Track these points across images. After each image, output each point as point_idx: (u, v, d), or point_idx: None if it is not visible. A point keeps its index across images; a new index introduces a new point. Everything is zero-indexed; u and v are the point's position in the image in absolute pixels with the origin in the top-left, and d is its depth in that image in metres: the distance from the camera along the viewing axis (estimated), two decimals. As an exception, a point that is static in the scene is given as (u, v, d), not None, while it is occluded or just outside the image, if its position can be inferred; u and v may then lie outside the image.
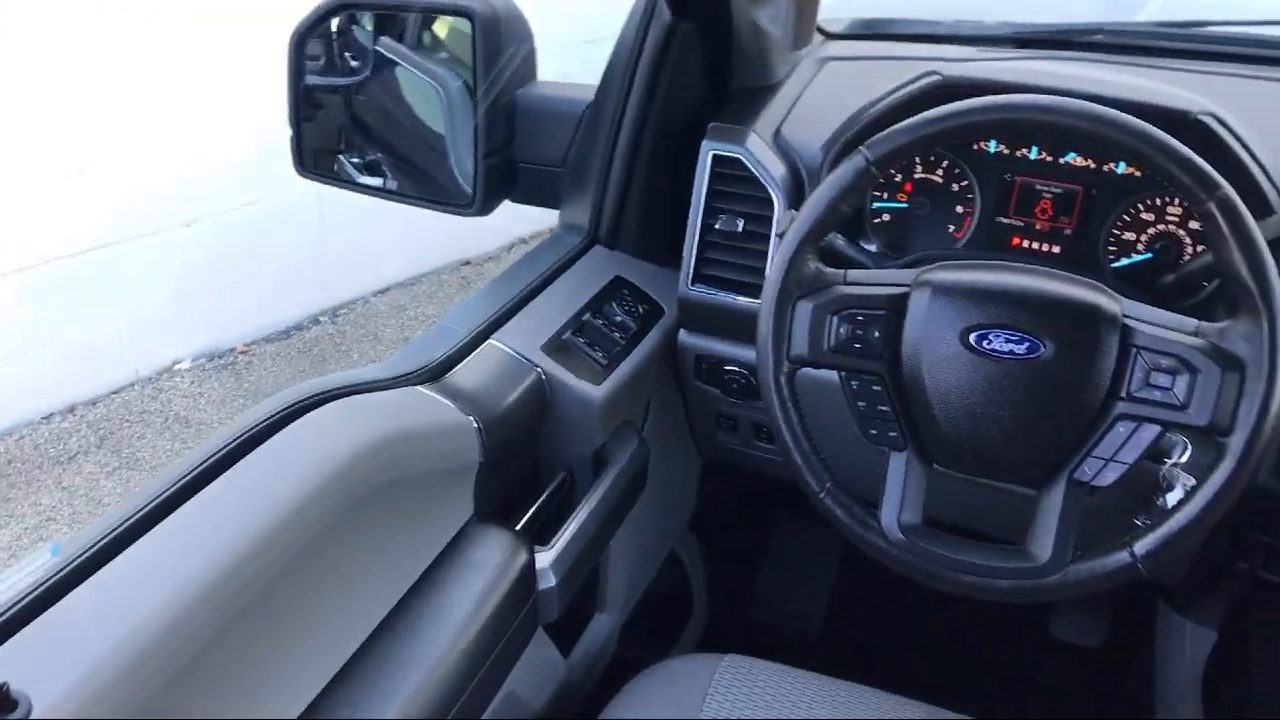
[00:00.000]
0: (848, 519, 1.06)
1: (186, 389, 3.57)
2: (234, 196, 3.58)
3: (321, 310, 4.06)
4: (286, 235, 3.78)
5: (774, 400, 1.07)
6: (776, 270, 1.06)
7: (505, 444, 1.12)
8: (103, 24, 3.10)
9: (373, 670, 0.91)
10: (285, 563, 0.81)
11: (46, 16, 3.00)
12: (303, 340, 3.90)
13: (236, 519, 0.80)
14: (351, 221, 3.85)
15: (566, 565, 1.13)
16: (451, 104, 1.44)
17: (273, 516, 0.81)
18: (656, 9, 1.27)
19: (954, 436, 1.02)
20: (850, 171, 1.04)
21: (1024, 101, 0.98)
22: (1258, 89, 1.36)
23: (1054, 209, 1.29)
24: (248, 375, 3.67)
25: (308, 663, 0.86)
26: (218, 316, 3.74)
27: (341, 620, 0.90)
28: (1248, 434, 0.93)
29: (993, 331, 1.00)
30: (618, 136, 1.34)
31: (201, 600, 0.74)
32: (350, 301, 4.13)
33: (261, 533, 0.80)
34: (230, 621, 0.76)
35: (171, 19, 3.20)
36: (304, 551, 0.83)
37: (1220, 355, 0.94)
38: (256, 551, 0.79)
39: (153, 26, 3.18)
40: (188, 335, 3.70)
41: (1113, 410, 0.98)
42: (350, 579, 0.90)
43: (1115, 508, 1.10)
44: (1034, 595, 1.00)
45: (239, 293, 3.76)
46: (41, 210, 3.14)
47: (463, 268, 4.42)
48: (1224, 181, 0.94)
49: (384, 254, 4.15)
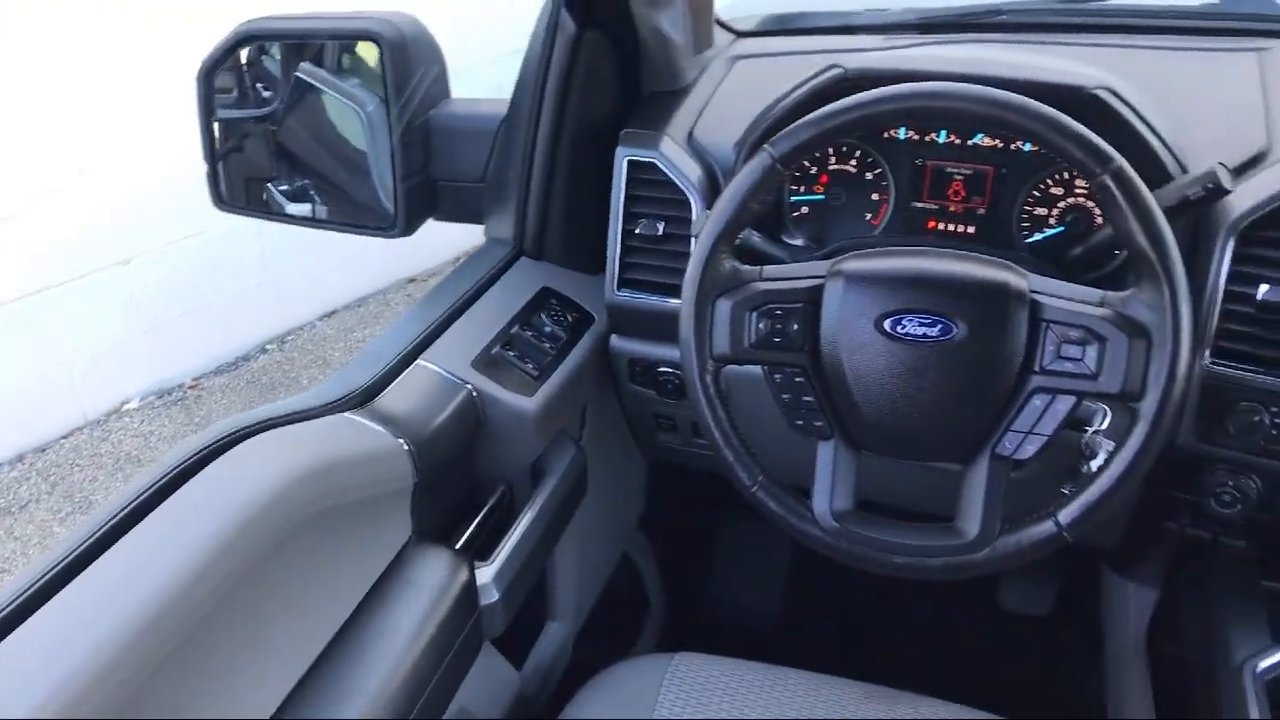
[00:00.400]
0: (781, 510, 1.08)
1: (137, 428, 3.54)
2: (170, 230, 3.55)
3: (269, 338, 4.03)
4: (228, 266, 3.75)
5: (701, 399, 1.08)
6: (693, 271, 1.07)
7: (439, 463, 1.12)
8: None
9: (317, 698, 0.91)
10: (216, 601, 0.81)
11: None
12: (251, 370, 3.87)
13: (162, 562, 0.80)
14: (294, 248, 3.83)
15: (509, 578, 1.14)
16: (372, 127, 1.44)
17: (200, 556, 0.81)
18: (560, 21, 1.28)
19: (877, 421, 1.04)
20: (756, 170, 1.05)
21: (915, 90, 1.00)
22: (1157, 59, 1.40)
23: (966, 190, 1.32)
24: (198, 409, 3.64)
25: (250, 695, 0.87)
26: (164, 352, 3.71)
27: (282, 652, 0.91)
28: (1158, 397, 0.95)
29: (906, 316, 1.02)
30: (534, 148, 1.35)
31: (133, 644, 0.74)
32: (297, 327, 4.10)
33: (189, 573, 0.80)
34: (165, 661, 0.76)
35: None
36: (236, 588, 0.83)
37: (1126, 323, 0.96)
38: (185, 592, 0.79)
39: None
40: (135, 374, 3.66)
41: (1028, 384, 1.00)
42: (287, 610, 0.90)
43: (1045, 478, 1.13)
44: (965, 571, 1.02)
45: (184, 327, 3.72)
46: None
47: (408, 285, 4.41)
48: (1116, 154, 0.96)
49: (328, 277, 4.13)
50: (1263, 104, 1.23)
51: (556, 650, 1.44)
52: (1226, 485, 1.16)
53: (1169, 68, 1.36)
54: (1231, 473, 1.16)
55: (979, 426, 1.02)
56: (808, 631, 1.96)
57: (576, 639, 1.51)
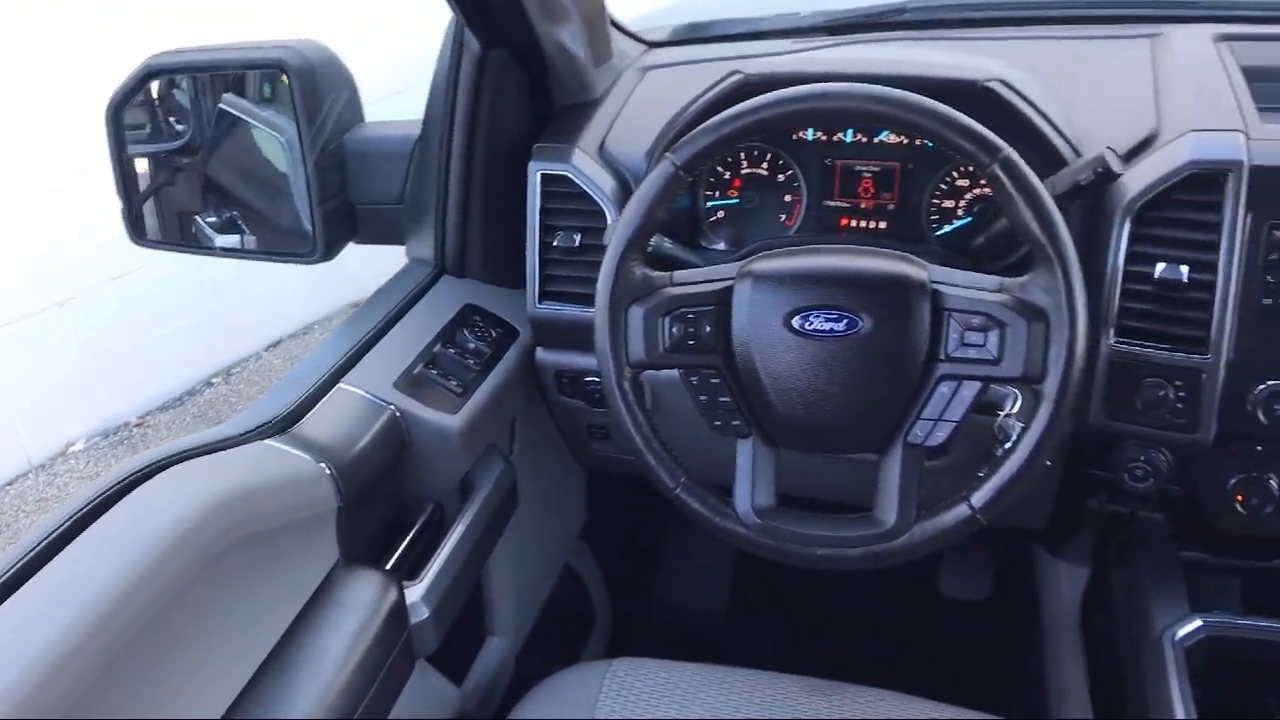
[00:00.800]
0: (704, 510, 1.09)
1: (83, 470, 3.50)
2: (106, 269, 3.52)
3: (214, 371, 4.00)
4: (168, 300, 3.72)
5: (620, 406, 1.10)
6: (604, 280, 1.08)
7: (364, 486, 1.13)
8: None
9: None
10: (134, 634, 0.81)
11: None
12: (197, 404, 3.84)
13: (76, 598, 0.80)
14: (236, 279, 3.80)
15: (439, 596, 1.15)
16: (291, 154, 1.45)
17: (114, 590, 0.81)
18: (465, 40, 1.29)
19: (791, 417, 1.06)
20: (659, 178, 1.07)
21: (807, 92, 1.02)
22: (1054, 49, 1.43)
23: (876, 187, 1.34)
24: (144, 447, 3.60)
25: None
26: (108, 391, 3.67)
27: (206, 682, 0.91)
28: (1059, 377, 0.98)
29: (812, 312, 1.04)
30: (448, 167, 1.36)
31: (49, 678, 0.74)
32: (243, 359, 4.07)
33: (104, 608, 0.79)
34: (83, 696, 0.76)
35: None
36: (154, 620, 0.83)
37: (1024, 308, 0.99)
38: (101, 626, 0.79)
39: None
40: (79, 415, 3.62)
41: (934, 372, 1.02)
42: (210, 640, 0.90)
43: (968, 464, 1.15)
44: (885, 559, 1.04)
45: (127, 365, 3.69)
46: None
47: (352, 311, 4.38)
48: (1005, 144, 0.99)
49: (273, 306, 4.10)
50: (1153, 89, 1.27)
51: (498, 665, 1.44)
52: (1138, 460, 1.19)
53: (1065, 57, 1.39)
54: (1142, 447, 1.19)
55: (890, 416, 1.04)
56: (754, 630, 1.98)
57: (520, 653, 1.51)
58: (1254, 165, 1.08)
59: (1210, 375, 1.11)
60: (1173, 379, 1.13)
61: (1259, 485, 1.16)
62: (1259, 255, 1.09)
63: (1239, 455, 1.16)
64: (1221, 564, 1.28)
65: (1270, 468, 1.16)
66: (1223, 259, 1.09)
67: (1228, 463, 1.17)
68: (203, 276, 3.78)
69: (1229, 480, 1.17)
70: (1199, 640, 1.14)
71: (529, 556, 1.52)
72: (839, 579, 1.45)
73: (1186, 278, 1.10)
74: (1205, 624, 1.15)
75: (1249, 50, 1.29)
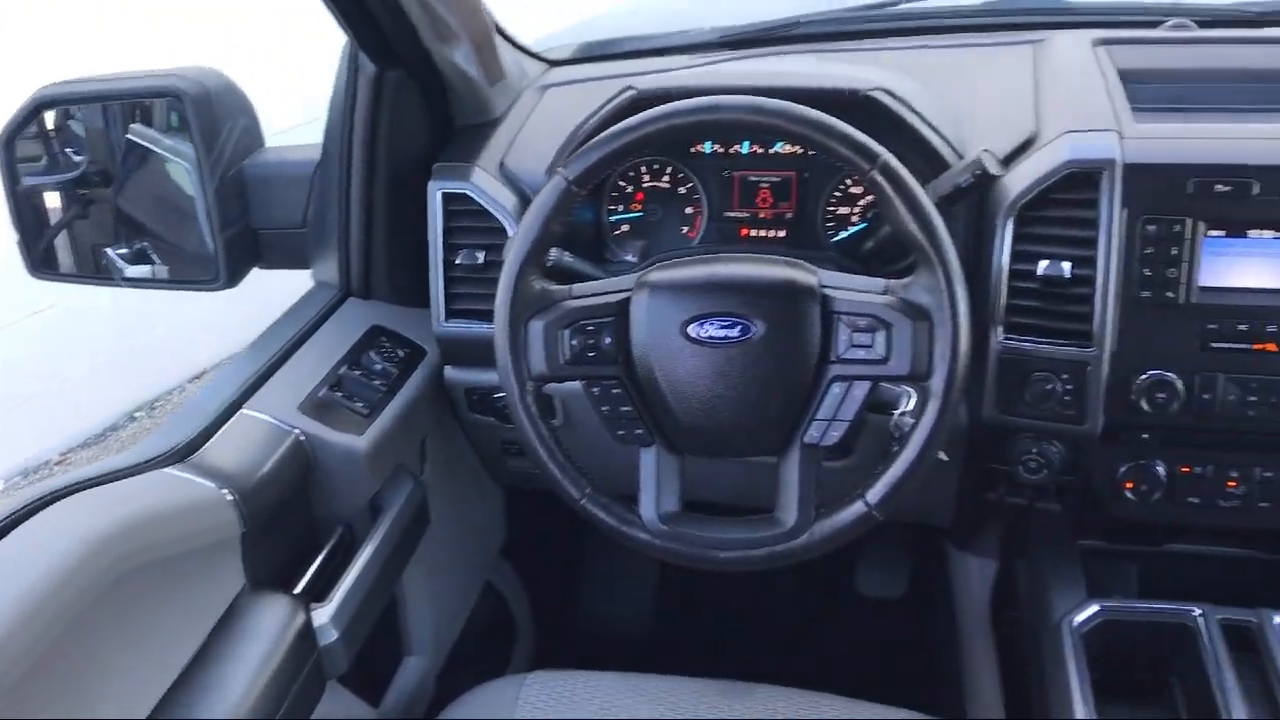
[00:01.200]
0: (610, 519, 1.10)
1: (2, 512, 3.42)
2: (18, 306, 3.45)
3: (137, 406, 3.93)
4: (86, 336, 3.66)
5: (523, 420, 1.11)
6: (502, 296, 1.09)
7: (269, 510, 1.12)
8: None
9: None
10: (25, 669, 0.80)
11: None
12: (120, 439, 3.77)
13: None
14: (157, 311, 3.75)
15: (348, 616, 1.14)
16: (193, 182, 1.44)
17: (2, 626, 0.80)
18: (360, 63, 1.29)
19: (692, 424, 1.07)
20: (552, 193, 1.08)
21: (693, 105, 1.04)
22: (940, 57, 1.48)
23: (774, 197, 1.37)
24: (66, 486, 3.53)
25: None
26: (27, 431, 3.59)
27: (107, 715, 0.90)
28: (945, 375, 1.01)
29: (707, 320, 1.06)
30: (350, 190, 1.36)
31: None
32: (166, 393, 4.01)
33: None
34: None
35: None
36: (47, 654, 0.82)
37: (908, 308, 1.02)
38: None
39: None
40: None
41: (826, 374, 1.04)
42: (108, 674, 0.90)
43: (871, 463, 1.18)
44: (788, 559, 1.06)
45: (45, 403, 3.62)
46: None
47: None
48: (883, 150, 1.02)
49: (194, 338, 4.04)
50: (1034, 93, 1.31)
51: (416, 684, 1.44)
52: (1031, 453, 1.22)
53: (951, 65, 1.44)
54: (1035, 440, 1.22)
55: (786, 418, 1.06)
56: (680, 636, 1.99)
57: (441, 672, 1.51)
58: (1127, 163, 1.12)
59: (1095, 367, 1.15)
60: (1060, 372, 1.16)
61: (1147, 472, 1.20)
62: (1135, 250, 1.13)
63: (1127, 444, 1.20)
64: (1118, 550, 1.32)
65: (1157, 455, 1.20)
66: (1101, 254, 1.13)
67: (1117, 452, 1.21)
68: (120, 308, 3.73)
69: (1119, 468, 1.21)
70: (1096, 625, 1.17)
71: (446, 574, 1.52)
72: (760, 582, 1.47)
73: (1069, 274, 1.14)
74: (1102, 609, 1.18)
75: (1125, 53, 1.34)
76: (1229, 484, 1.19)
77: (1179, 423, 1.15)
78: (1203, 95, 1.27)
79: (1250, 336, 1.12)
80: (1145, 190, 1.12)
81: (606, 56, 1.64)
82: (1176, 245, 1.12)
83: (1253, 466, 1.18)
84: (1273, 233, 1.12)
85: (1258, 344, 1.12)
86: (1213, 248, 1.13)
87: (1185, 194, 1.11)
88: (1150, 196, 1.12)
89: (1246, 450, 1.18)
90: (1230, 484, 1.19)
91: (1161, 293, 1.13)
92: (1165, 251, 1.12)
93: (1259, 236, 1.12)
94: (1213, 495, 1.20)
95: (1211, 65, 1.32)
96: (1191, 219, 1.12)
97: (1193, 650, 1.12)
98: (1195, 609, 1.15)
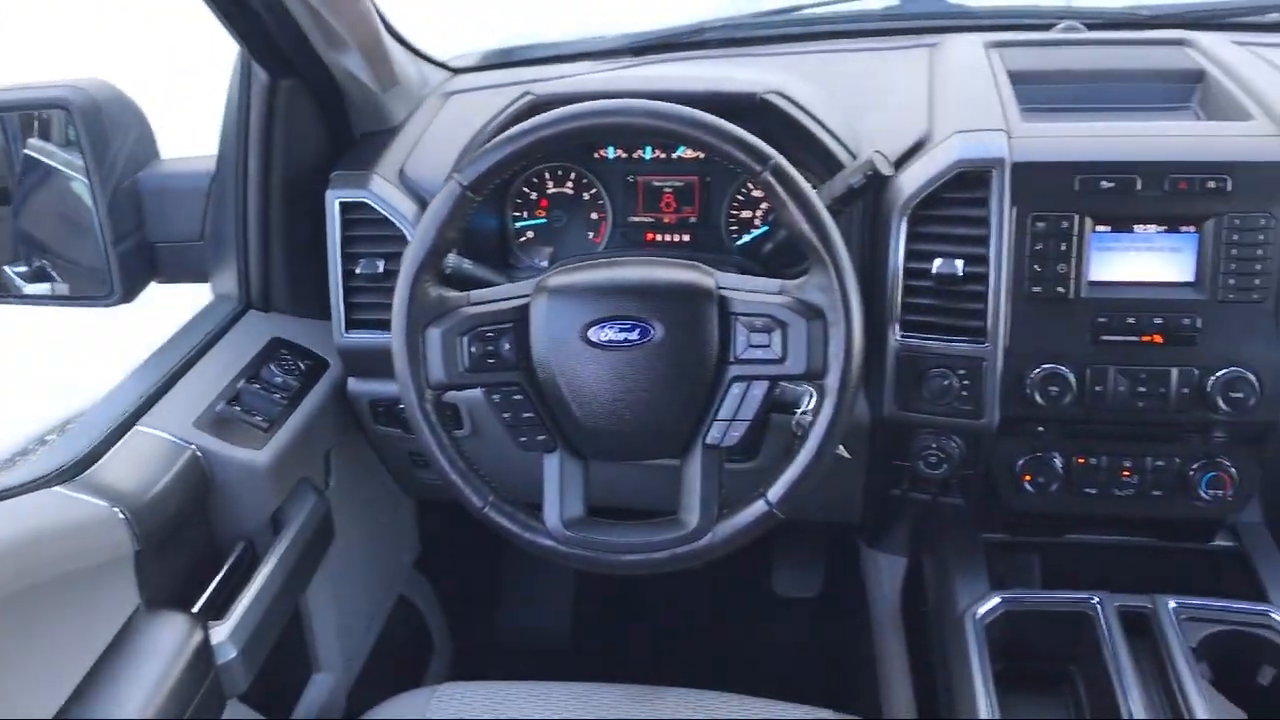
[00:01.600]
0: (513, 527, 1.10)
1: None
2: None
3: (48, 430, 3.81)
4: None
5: (423, 428, 1.09)
6: (398, 304, 1.08)
7: (165, 528, 1.10)
8: None
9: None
10: None
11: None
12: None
13: None
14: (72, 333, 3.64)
15: (248, 634, 1.12)
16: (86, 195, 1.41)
17: None
18: (253, 71, 1.27)
19: (595, 428, 1.07)
20: (447, 199, 1.07)
21: (586, 109, 1.04)
22: (840, 61, 1.50)
23: (677, 201, 1.38)
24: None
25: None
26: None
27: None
28: (840, 372, 1.02)
29: (607, 323, 1.05)
30: (246, 200, 1.34)
31: None
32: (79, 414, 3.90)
33: None
34: None
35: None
36: None
37: (803, 307, 1.02)
38: None
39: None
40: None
41: (725, 375, 1.05)
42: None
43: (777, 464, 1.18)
44: (691, 560, 1.06)
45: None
46: None
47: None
48: (775, 153, 1.03)
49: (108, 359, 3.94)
50: (928, 94, 1.33)
51: (325, 701, 1.41)
52: (931, 448, 1.24)
53: (850, 68, 1.46)
54: (935, 435, 1.24)
55: (687, 420, 1.06)
56: (599, 643, 1.99)
57: (353, 688, 1.49)
58: (1015, 162, 1.15)
59: (990, 362, 1.17)
60: (956, 368, 1.18)
61: (1045, 464, 1.23)
62: (1025, 246, 1.15)
63: (1024, 437, 1.22)
64: (1020, 543, 1.35)
65: (1054, 447, 1.23)
66: (993, 251, 1.15)
67: (1014, 445, 1.23)
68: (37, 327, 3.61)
69: (1017, 461, 1.23)
70: (998, 616, 1.19)
71: (355, 589, 1.50)
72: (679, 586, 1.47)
73: (962, 271, 1.16)
74: (1003, 600, 1.20)
75: (1016, 55, 1.37)
76: (1123, 474, 1.22)
77: (1073, 415, 1.18)
78: (1090, 95, 1.30)
79: (1138, 329, 1.15)
80: (1033, 188, 1.15)
81: (511, 63, 1.64)
82: (1065, 241, 1.15)
83: (1145, 456, 1.21)
84: (1157, 227, 1.15)
85: (1145, 336, 1.15)
86: (1100, 243, 1.16)
87: (1072, 191, 1.14)
88: (1038, 194, 1.15)
89: (1139, 440, 1.21)
90: (1125, 473, 1.22)
91: (1052, 288, 1.15)
92: (1054, 248, 1.15)
93: (1144, 231, 1.15)
94: (1108, 485, 1.22)
95: (1099, 66, 1.35)
96: (1079, 215, 1.14)
97: (1091, 638, 1.14)
98: (1093, 597, 1.17)
